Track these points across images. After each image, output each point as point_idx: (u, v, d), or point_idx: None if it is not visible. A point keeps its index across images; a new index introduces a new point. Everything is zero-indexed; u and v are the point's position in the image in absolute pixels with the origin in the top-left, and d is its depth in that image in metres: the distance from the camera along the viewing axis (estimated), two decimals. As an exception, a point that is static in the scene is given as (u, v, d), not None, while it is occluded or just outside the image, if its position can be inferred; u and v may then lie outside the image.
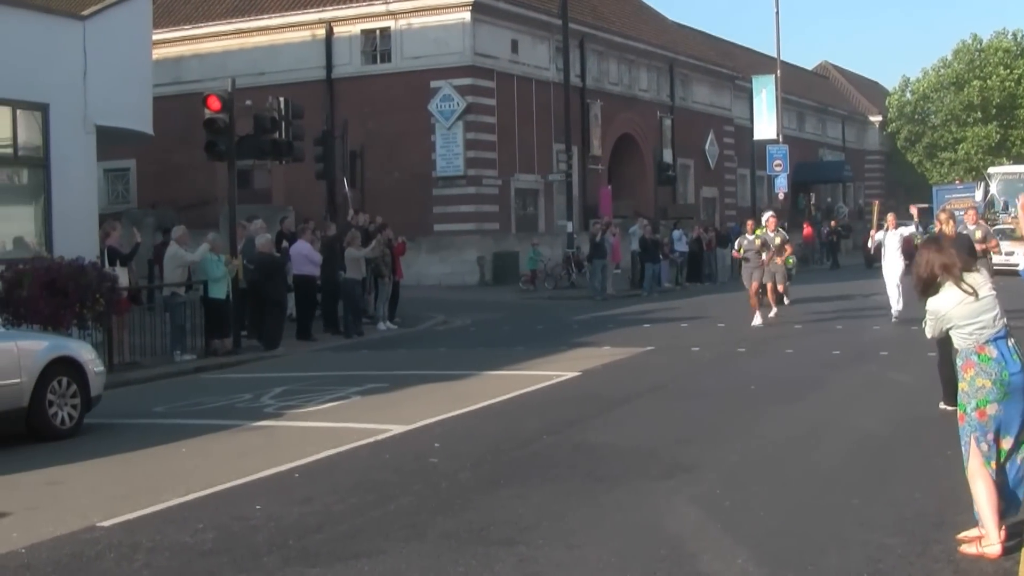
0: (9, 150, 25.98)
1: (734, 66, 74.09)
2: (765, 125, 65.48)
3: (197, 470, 13.38)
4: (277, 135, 28.42)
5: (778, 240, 28.99)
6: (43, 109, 25.85)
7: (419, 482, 12.47)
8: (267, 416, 17.42)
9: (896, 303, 27.48)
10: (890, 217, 29.31)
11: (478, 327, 31.10)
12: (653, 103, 63.79)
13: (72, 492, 12.33)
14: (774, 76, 64.59)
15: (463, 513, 11.03)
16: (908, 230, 30.58)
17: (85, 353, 16.90)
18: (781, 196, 63.06)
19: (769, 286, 28.83)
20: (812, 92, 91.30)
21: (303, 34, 51.36)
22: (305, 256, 28.58)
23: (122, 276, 23.53)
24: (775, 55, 65.48)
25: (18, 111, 25.66)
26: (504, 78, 50.72)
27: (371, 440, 15.02)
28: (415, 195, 47.00)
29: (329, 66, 50.67)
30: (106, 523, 11.17)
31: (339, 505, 11.63)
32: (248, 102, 30.79)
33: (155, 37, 32.86)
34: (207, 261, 25.43)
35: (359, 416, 16.71)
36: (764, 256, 28.21)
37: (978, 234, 21.56)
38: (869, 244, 28.81)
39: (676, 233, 48.64)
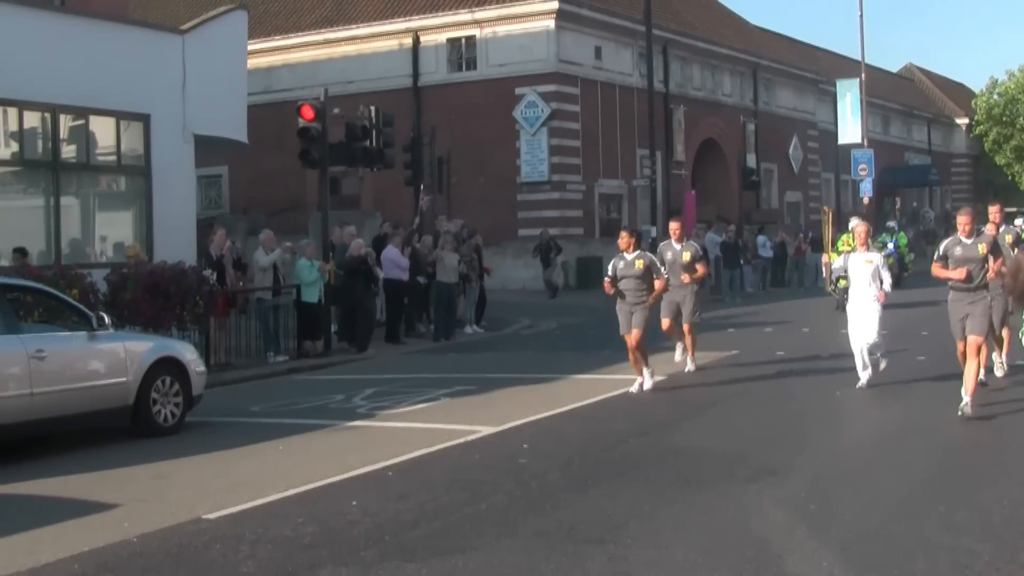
0: (113, 158, 26.59)
1: (818, 70, 73.48)
2: (850, 129, 64.84)
3: (295, 467, 13.67)
4: (368, 143, 28.80)
5: (686, 256, 20.92)
6: (145, 119, 26.37)
7: (510, 481, 12.66)
8: (360, 416, 17.71)
9: (865, 363, 18.52)
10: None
11: (563, 331, 31.13)
12: (736, 108, 63.52)
13: (178, 486, 12.68)
14: (858, 79, 63.91)
15: (553, 512, 11.22)
16: (874, 256, 19.00)
17: (188, 354, 17.31)
18: (866, 200, 62.57)
19: (664, 323, 21.00)
20: (897, 95, 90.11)
21: (391, 43, 51.66)
22: (393, 261, 28.88)
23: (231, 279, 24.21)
24: (859, 58, 64.79)
25: (121, 121, 26.23)
26: (588, 84, 50.80)
27: (462, 440, 15.26)
28: (501, 200, 47.11)
29: (416, 74, 50.95)
30: (211, 516, 11.50)
31: (433, 502, 11.87)
32: (337, 110, 31.14)
33: (248, 48, 33.26)
34: (300, 266, 25.88)
35: (449, 417, 16.93)
36: (657, 283, 19.29)
37: None
38: (824, 273, 21.54)
39: (761, 239, 48.57)
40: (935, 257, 16.67)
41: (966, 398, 15.34)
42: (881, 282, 18.49)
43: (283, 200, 45.78)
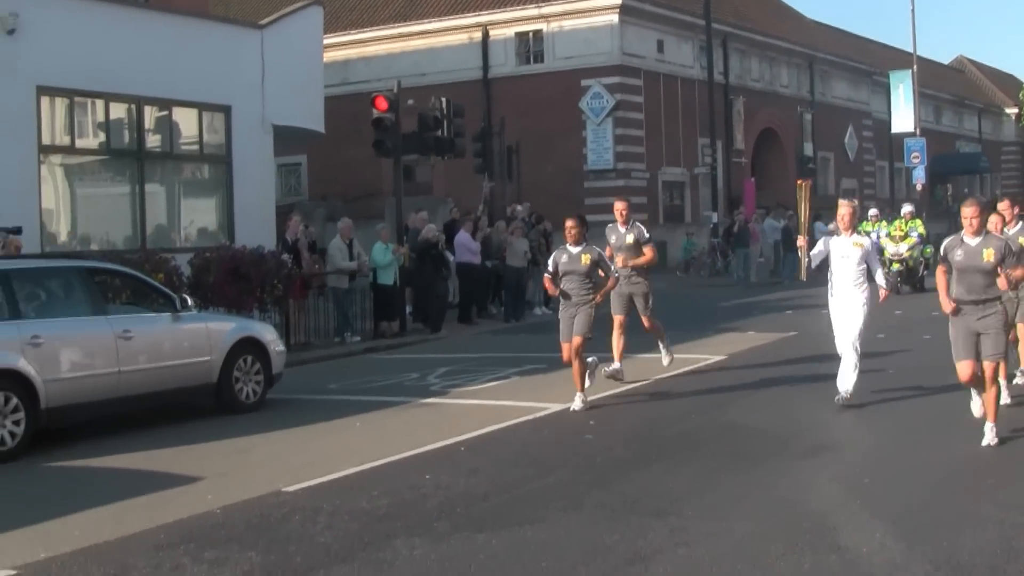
0: (195, 148, 26.79)
1: (871, 62, 73.05)
2: (902, 118, 64.54)
3: (371, 442, 13.71)
4: (439, 132, 28.88)
5: (630, 239, 17.84)
6: (226, 111, 26.53)
7: (576, 456, 12.68)
8: (433, 394, 17.73)
9: (849, 374, 15.01)
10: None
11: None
12: (794, 98, 63.27)
13: (258, 460, 12.72)
14: (911, 71, 63.61)
15: (617, 486, 11.22)
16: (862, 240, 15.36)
17: (268, 334, 17.37)
18: (919, 187, 62.15)
19: (616, 321, 17.82)
20: (948, 85, 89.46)
21: (461, 37, 51.74)
22: (465, 245, 28.94)
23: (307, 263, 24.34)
24: (911, 50, 64.48)
25: (203, 112, 26.41)
26: (651, 76, 50.72)
27: (530, 417, 15.26)
28: (568, 188, 47.06)
29: (486, 67, 51.01)
30: (291, 488, 11.56)
31: (502, 477, 11.88)
32: (411, 101, 31.24)
33: (324, 42, 33.39)
34: (375, 249, 25.95)
35: (519, 395, 16.93)
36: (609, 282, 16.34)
37: None
38: (804, 259, 15.69)
39: (819, 224, 48.28)
40: (938, 258, 13.00)
41: (990, 427, 12.35)
42: (881, 276, 15.53)
43: (359, 187, 45.90)
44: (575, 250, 15.95)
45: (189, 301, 16.59)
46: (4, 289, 14.57)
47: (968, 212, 12.55)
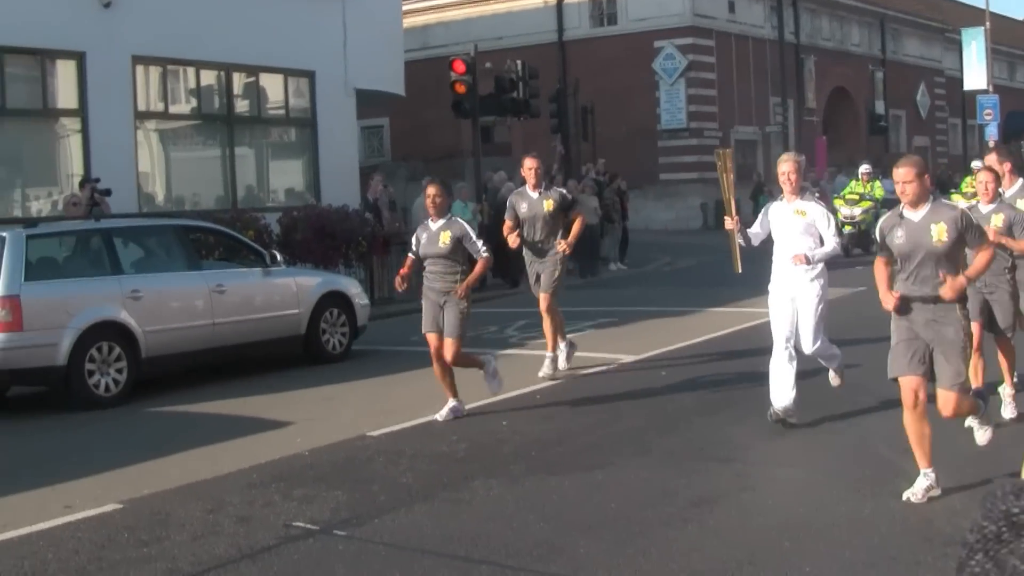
0: (282, 112, 27.14)
1: (943, 19, 72.02)
2: (975, 76, 63.52)
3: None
4: (515, 94, 29.12)
5: (548, 205, 14.80)
6: (310, 76, 26.83)
7: (646, 405, 12.83)
8: (511, 345, 17.99)
9: (787, 390, 11.22)
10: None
11: (701, 268, 30.89)
12: (865, 57, 62.58)
13: (344, 407, 13.07)
14: (983, 27, 62.69)
15: (685, 433, 11.40)
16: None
17: (352, 288, 17.72)
18: (992, 144, 61.33)
19: (543, 299, 15.17)
20: (1022, 42, 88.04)
21: (536, 1, 51.71)
22: (542, 204, 29.16)
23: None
24: (984, 7, 63.55)
25: (289, 78, 26.75)
26: (722, 36, 50.44)
27: (604, 368, 15.47)
28: (642, 147, 47.02)
29: (560, 29, 50.90)
30: (374, 433, 11.90)
31: (575, 423, 12.12)
32: (488, 64, 31.44)
33: (404, 7, 33.60)
34: (455, 207, 26.21)
35: (593, 346, 17.10)
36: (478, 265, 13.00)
37: None
38: (736, 243, 11.71)
39: (887, 182, 47.92)
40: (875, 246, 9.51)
41: (925, 474, 8.75)
42: (833, 245, 11.27)
43: (440, 148, 46.08)
44: (435, 226, 12.60)
45: (278, 257, 16.95)
46: (106, 246, 15.07)
47: (984, 177, 10.93)
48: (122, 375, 14.48)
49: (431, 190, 12.78)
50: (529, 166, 15.10)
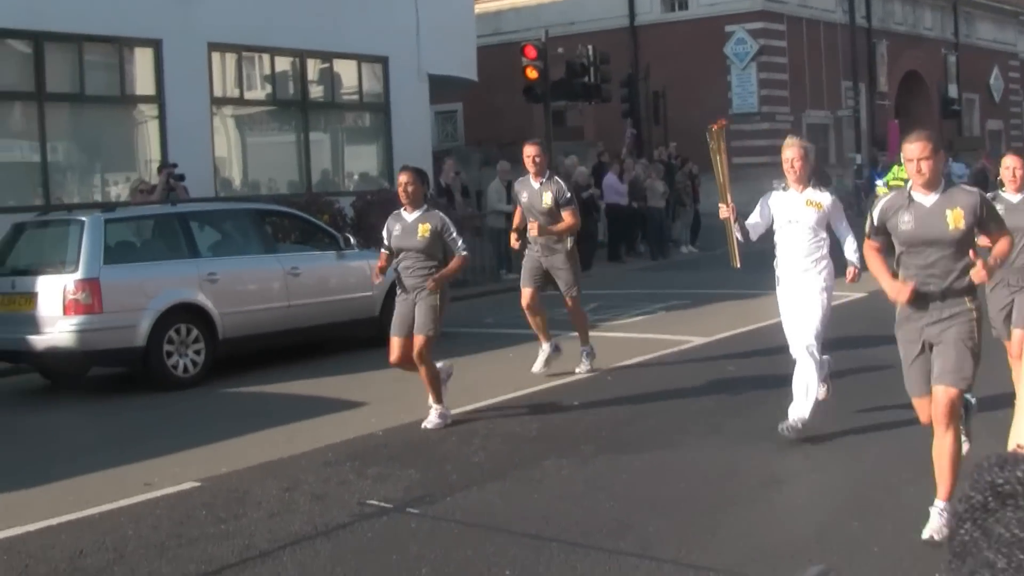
0: (356, 97, 27.28)
1: (1017, 2, 71.23)
2: (1050, 59, 62.98)
3: (523, 371, 13.98)
4: (587, 79, 29.12)
5: (546, 199, 13.58)
6: (383, 61, 26.95)
7: (716, 386, 12.80)
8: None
9: (805, 401, 10.10)
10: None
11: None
12: (938, 41, 61.95)
13: (418, 387, 12.99)
14: (1059, 11, 62.06)
15: (755, 414, 11.33)
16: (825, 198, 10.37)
17: (426, 271, 17.77)
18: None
19: (524, 295, 14.20)
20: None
21: (608, -14, 51.63)
22: (612, 187, 29.14)
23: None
24: (1058, -9, 62.88)
25: (362, 64, 26.87)
26: (793, 21, 50.07)
27: (675, 349, 15.45)
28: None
29: (632, 15, 50.72)
30: (449, 413, 11.96)
31: (646, 404, 12.10)
32: (560, 50, 31.39)
33: (477, -7, 33.69)
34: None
35: (664, 328, 17.09)
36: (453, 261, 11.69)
37: None
38: (733, 235, 10.80)
39: (957, 166, 47.53)
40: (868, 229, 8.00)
41: (939, 511, 7.46)
42: (852, 246, 10.38)
43: (512, 132, 46.06)
44: (411, 217, 11.47)
45: (352, 240, 17.02)
46: (183, 230, 15.22)
47: (1012, 162, 9.89)
48: (200, 356, 14.63)
49: (403, 178, 11.49)
50: (527, 154, 13.83)
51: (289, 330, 15.78)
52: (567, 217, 13.58)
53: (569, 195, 13.81)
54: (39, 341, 14.20)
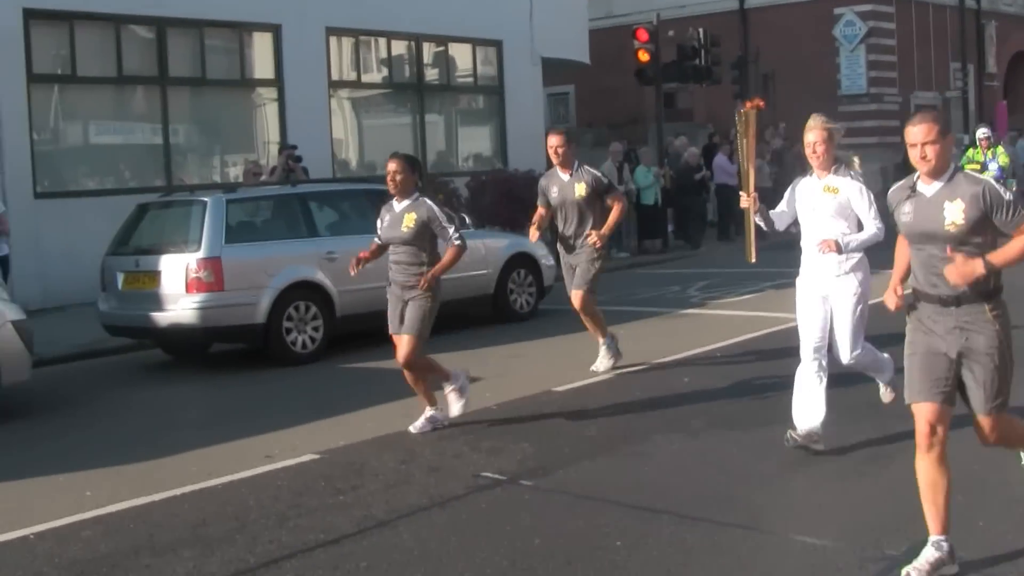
0: (470, 80, 27.34)
1: None
2: None
3: (634, 348, 13.82)
4: (697, 61, 28.86)
5: (580, 190, 12.48)
6: (497, 45, 27.00)
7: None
8: (692, 305, 17.85)
9: (813, 410, 9.07)
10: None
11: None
12: (1048, 21, 60.88)
13: (531, 363, 13.05)
14: None
15: (864, 390, 10.93)
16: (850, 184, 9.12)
17: (539, 250, 17.64)
18: None
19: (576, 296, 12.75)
20: None
21: (718, -30, 51.20)
22: (723, 168, 28.93)
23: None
24: None
25: (477, 47, 26.91)
26: (902, 3, 49.21)
27: (783, 327, 15.16)
28: (822, 112, 46.24)
29: (742, -2, 50.39)
30: (559, 388, 11.93)
31: (755, 380, 11.95)
32: (671, 33, 31.23)
33: (589, -23, 33.52)
34: (638, 172, 26.15)
35: (772, 306, 16.84)
36: (447, 253, 10.53)
37: None
38: (752, 224, 9.72)
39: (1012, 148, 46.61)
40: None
41: (935, 543, 6.31)
42: (874, 227, 9.10)
43: (624, 114, 45.89)
44: (400, 206, 10.47)
45: (467, 220, 17.00)
46: (302, 210, 15.30)
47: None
48: (318, 333, 14.71)
49: (391, 166, 10.41)
50: (551, 144, 12.74)
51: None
52: (615, 204, 12.54)
53: (607, 181, 12.80)
54: (162, 318, 14.36)
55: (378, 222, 10.78)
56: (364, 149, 26.05)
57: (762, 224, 9.43)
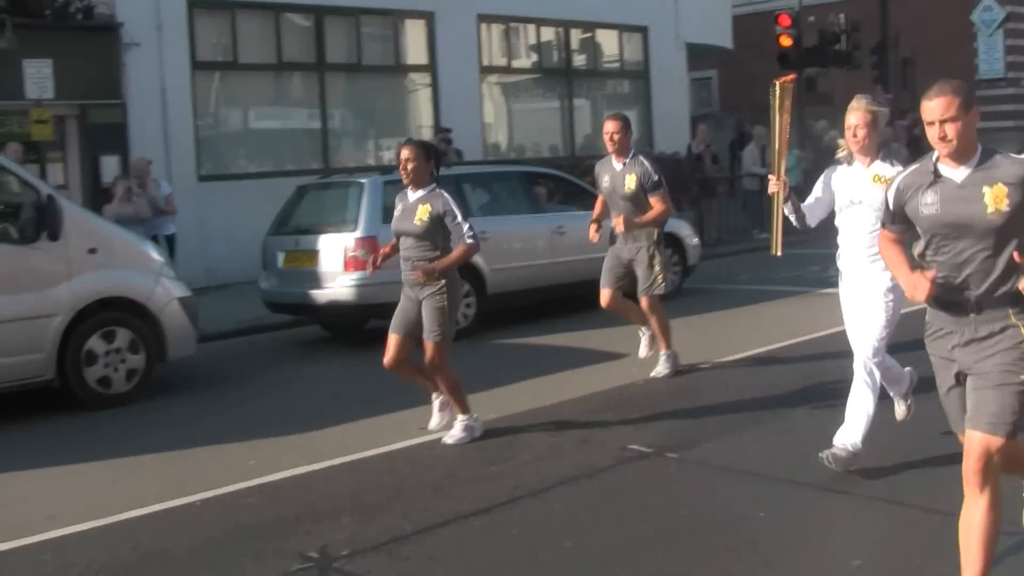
0: (616, 65, 27.29)
1: None
2: None
3: (776, 326, 13.71)
4: (838, 46, 28.52)
5: (630, 182, 11.35)
6: (643, 31, 26.91)
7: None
8: (833, 285, 17.45)
9: (860, 426, 7.85)
10: None
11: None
12: None
13: (676, 340, 12.78)
14: None
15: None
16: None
17: (684, 229, 17.55)
18: None
19: (603, 297, 11.81)
20: None
21: (859, -43, 50.44)
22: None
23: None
24: None
25: (623, 33, 26.83)
26: (1043, -13, 48.25)
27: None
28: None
29: (884, -17, 49.57)
30: (705, 364, 11.94)
31: (905, 356, 11.77)
32: (811, 18, 30.82)
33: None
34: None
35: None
36: (456, 249, 9.25)
37: None
38: (778, 214, 8.21)
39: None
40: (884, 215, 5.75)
41: None
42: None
43: (764, 99, 45.30)
44: (413, 196, 9.41)
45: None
46: (456, 191, 15.34)
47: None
48: (470, 310, 14.76)
49: (404, 153, 9.35)
50: (607, 130, 11.59)
51: (553, 286, 15.81)
52: (656, 204, 11.27)
53: (656, 178, 11.35)
54: (320, 295, 14.54)
55: (395, 212, 9.63)
56: (513, 133, 26.14)
57: (791, 216, 8.20)
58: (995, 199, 5.10)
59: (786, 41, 26.96)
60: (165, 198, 18.21)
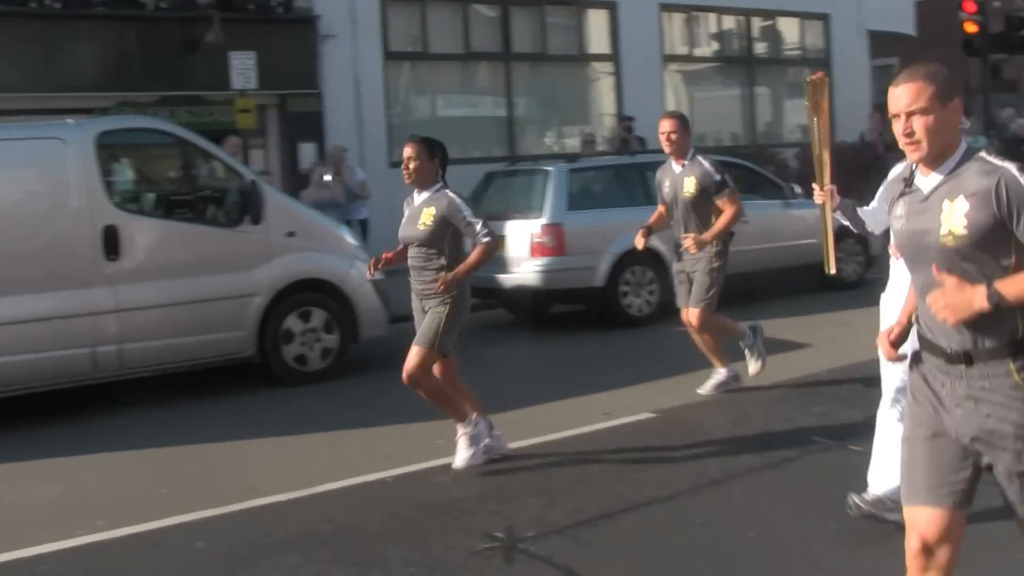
0: (798, 53, 26.92)
1: None
2: None
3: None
4: (1024, 32, 27.71)
5: (690, 186, 10.19)
6: (824, 18, 26.48)
7: None
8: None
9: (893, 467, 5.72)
10: None
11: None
12: None
13: (860, 331, 12.27)
14: None
15: None
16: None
17: (866, 219, 17.22)
18: None
19: (690, 315, 10.35)
20: None
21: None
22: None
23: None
24: None
25: (804, 21, 26.42)
26: None
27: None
28: None
29: (1072, -33, 47.93)
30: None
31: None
32: (996, 3, 29.98)
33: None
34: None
35: None
36: (473, 253, 8.23)
37: None
38: (829, 227, 6.83)
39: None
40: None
41: None
42: None
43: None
44: (419, 199, 8.43)
45: (797, 190, 16.65)
46: (640, 179, 15.31)
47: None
48: (653, 296, 14.69)
49: (406, 151, 8.32)
50: (662, 130, 10.35)
51: (738, 274, 15.55)
52: (724, 206, 10.08)
53: (719, 178, 10.13)
54: (507, 280, 14.61)
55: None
56: (695, 121, 25.68)
57: (849, 224, 7.24)
58: (950, 217, 3.91)
59: (971, 27, 26.21)
60: (359, 184, 18.49)
